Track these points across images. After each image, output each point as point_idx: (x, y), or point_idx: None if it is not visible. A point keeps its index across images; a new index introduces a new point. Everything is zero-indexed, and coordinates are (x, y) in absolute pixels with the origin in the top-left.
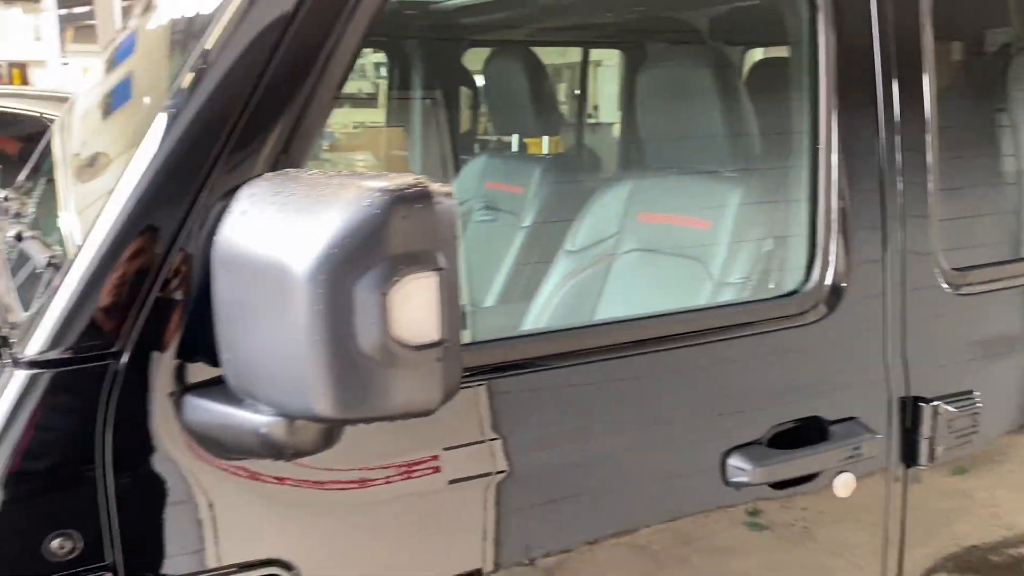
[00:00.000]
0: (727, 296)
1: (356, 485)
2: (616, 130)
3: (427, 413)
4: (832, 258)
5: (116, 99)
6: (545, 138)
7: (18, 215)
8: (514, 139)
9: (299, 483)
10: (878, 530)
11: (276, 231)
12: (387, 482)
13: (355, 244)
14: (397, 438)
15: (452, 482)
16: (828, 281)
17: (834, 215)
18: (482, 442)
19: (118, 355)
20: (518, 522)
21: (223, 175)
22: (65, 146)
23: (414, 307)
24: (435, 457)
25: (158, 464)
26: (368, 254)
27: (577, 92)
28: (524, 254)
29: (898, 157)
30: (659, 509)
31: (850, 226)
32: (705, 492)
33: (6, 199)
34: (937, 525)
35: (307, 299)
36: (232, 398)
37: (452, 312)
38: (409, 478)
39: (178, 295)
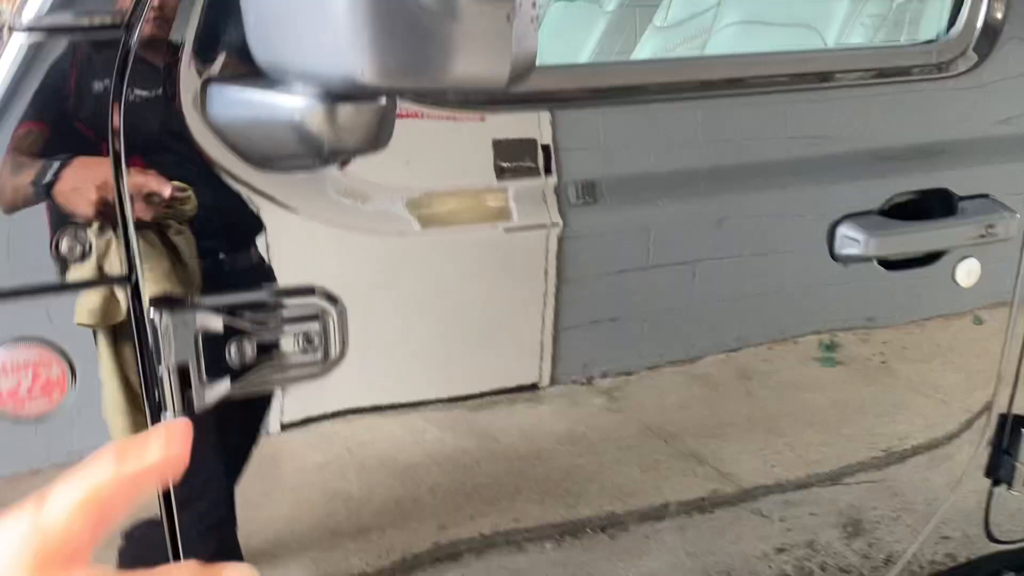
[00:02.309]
0: None
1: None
2: None
3: (493, 87)
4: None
5: None
6: None
7: None
8: None
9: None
10: (999, 329)
11: None
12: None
13: None
14: None
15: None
16: (979, 24)
17: None
18: None
19: (129, 28)
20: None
21: None
22: None
23: None
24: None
25: (178, 165)
26: None
27: None
28: (606, 41)
29: None
30: (760, 279)
31: None
32: (810, 266)
33: None
34: None
35: None
36: (263, 81)
37: None
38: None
39: None
